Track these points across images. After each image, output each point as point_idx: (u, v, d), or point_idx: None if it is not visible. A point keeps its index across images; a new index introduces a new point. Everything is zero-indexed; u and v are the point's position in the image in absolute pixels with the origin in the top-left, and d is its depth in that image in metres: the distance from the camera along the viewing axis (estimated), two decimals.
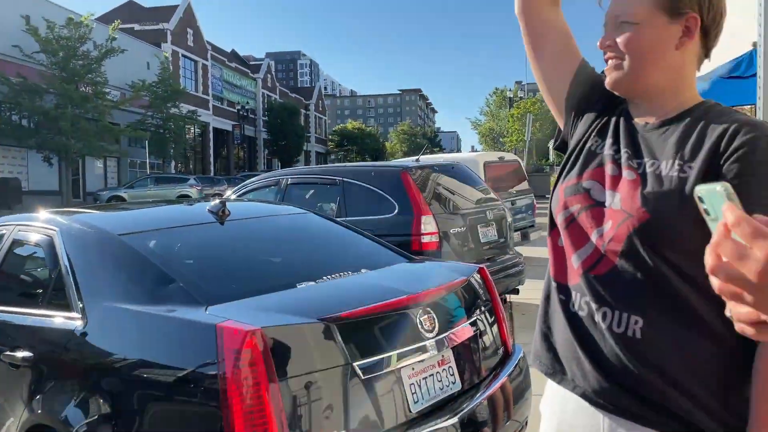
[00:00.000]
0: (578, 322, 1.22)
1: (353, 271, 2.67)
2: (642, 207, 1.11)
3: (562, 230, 1.27)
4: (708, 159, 1.09)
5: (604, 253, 1.17)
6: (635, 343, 1.13)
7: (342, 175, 5.74)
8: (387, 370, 2.16)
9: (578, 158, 1.30)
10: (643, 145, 1.21)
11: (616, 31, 1.20)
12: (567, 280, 1.25)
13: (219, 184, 29.35)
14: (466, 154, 10.67)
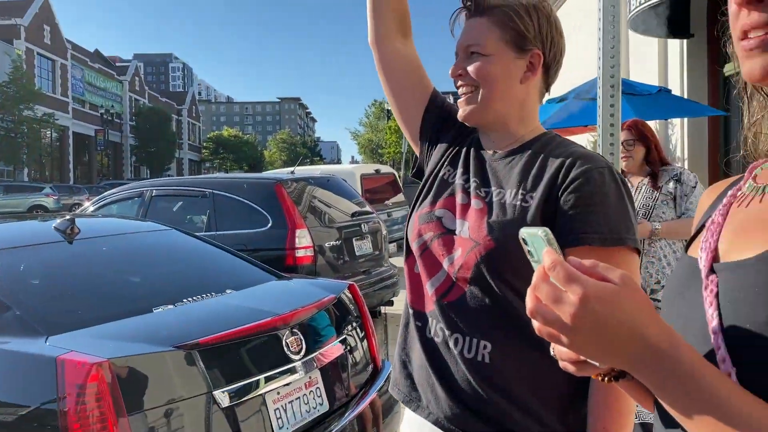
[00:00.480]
0: (433, 348, 1.23)
1: (217, 292, 2.55)
2: (488, 235, 1.16)
3: (417, 257, 1.29)
4: (547, 189, 1.15)
5: (455, 281, 1.20)
6: (484, 367, 1.16)
7: (212, 186, 5.52)
8: (250, 397, 2.07)
9: (432, 186, 1.33)
10: (491, 174, 1.26)
11: (467, 61, 1.25)
12: (423, 306, 1.27)
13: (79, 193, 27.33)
14: (343, 167, 10.73)
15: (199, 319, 2.28)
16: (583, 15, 11.02)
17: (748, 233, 0.62)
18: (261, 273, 2.95)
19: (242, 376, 2.08)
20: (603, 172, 1.14)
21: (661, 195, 3.05)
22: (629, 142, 3.11)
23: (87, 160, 47.61)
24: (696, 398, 0.53)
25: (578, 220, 1.11)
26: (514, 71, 1.23)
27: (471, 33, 1.25)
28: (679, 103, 6.99)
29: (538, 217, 1.14)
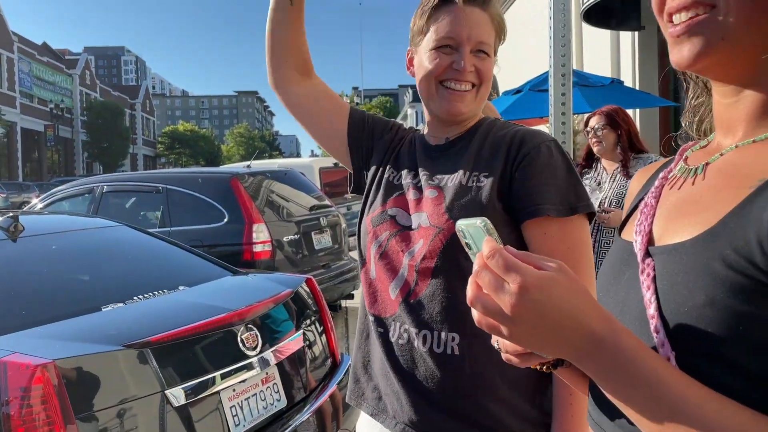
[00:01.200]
0: (398, 352, 1.21)
1: (169, 288, 2.48)
2: (449, 219, 1.15)
3: (375, 262, 1.27)
4: (500, 168, 1.17)
5: (417, 275, 1.18)
6: (454, 360, 1.15)
7: (165, 182, 5.38)
8: (204, 395, 2.03)
9: (378, 190, 1.33)
10: (441, 163, 1.26)
11: (476, 58, 1.21)
12: (384, 311, 1.24)
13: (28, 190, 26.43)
14: (301, 160, 10.62)
15: (150, 317, 2.21)
16: (539, 8, 11.16)
17: (682, 216, 0.62)
18: (215, 269, 2.89)
19: (196, 374, 2.03)
20: (550, 146, 1.18)
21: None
22: (599, 128, 3.15)
23: (36, 157, 46.06)
24: (637, 385, 0.52)
25: (533, 193, 1.14)
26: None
27: (480, 29, 1.20)
28: (631, 94, 7.15)
29: (494, 195, 1.15)
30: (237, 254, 4.95)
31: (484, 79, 1.22)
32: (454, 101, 1.22)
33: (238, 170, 5.70)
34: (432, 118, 1.31)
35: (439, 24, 1.20)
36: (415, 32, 1.28)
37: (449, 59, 1.20)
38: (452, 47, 1.20)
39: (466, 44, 1.19)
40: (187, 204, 5.22)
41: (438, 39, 1.20)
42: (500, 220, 1.14)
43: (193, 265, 2.89)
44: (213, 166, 62.40)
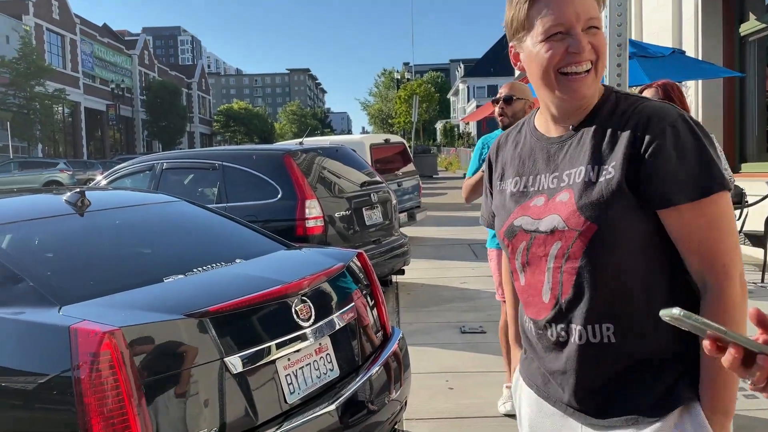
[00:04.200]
0: (558, 350, 1.26)
1: (226, 261, 2.57)
2: (587, 220, 1.16)
3: (523, 271, 1.30)
4: (627, 156, 1.15)
5: (562, 275, 1.21)
6: (611, 347, 1.19)
7: (222, 159, 5.53)
8: (260, 363, 2.10)
9: (502, 201, 1.36)
10: (566, 156, 1.24)
11: (588, 35, 1.17)
12: (539, 315, 1.28)
13: (93, 168, 27.49)
14: (352, 137, 10.69)
15: (208, 288, 2.30)
16: None
17: None
18: (270, 243, 2.97)
19: (253, 343, 2.11)
20: (677, 126, 1.14)
21: None
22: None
23: (99, 135, 47.80)
24: None
25: (663, 182, 1.13)
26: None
27: (585, 4, 1.16)
28: (693, 65, 6.86)
29: (624, 186, 1.14)
30: (290, 229, 5.05)
31: (600, 53, 1.18)
32: (578, 86, 1.18)
33: (290, 147, 5.79)
34: (553, 109, 1.26)
35: (542, 13, 1.16)
36: (515, 28, 1.22)
37: (563, 45, 1.16)
38: (563, 33, 1.16)
39: (576, 25, 1.15)
40: (243, 180, 5.35)
41: (547, 29, 1.16)
42: (633, 208, 1.15)
43: (248, 239, 2.98)
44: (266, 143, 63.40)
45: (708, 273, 1.15)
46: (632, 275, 1.17)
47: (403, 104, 45.35)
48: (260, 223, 5.12)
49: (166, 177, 5.65)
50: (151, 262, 2.60)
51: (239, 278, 2.43)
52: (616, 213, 1.15)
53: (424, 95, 45.07)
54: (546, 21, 1.15)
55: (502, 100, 3.32)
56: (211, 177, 5.53)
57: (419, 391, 3.64)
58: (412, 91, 43.96)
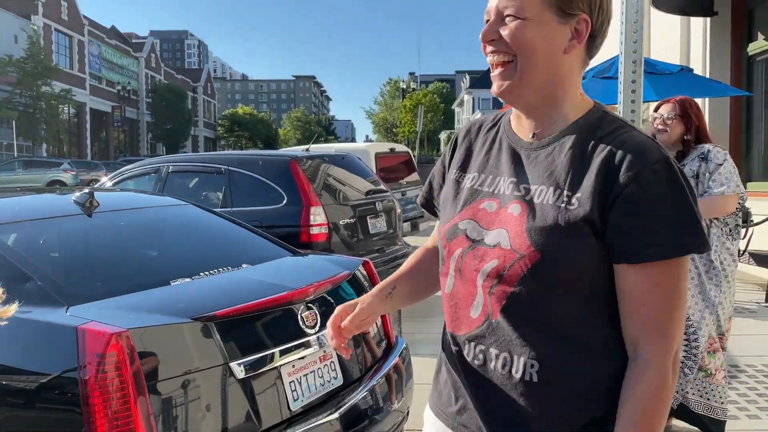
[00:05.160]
0: (472, 372, 1.15)
1: (233, 266, 2.57)
2: (532, 246, 1.04)
3: (455, 277, 1.17)
4: (595, 194, 1.02)
5: (491, 297, 1.09)
6: (534, 387, 1.07)
7: (228, 163, 5.54)
8: (265, 369, 2.10)
9: (453, 196, 1.22)
10: (530, 167, 1.12)
11: (501, 24, 1.08)
12: (459, 329, 1.17)
13: (96, 168, 27.55)
14: (357, 145, 10.71)
15: (215, 293, 2.30)
16: None
17: None
18: (276, 248, 2.97)
19: (258, 349, 2.10)
20: (657, 170, 1.00)
21: None
22: (669, 116, 3.02)
23: (104, 137, 47.95)
24: None
25: (635, 235, 1.00)
26: (558, 39, 1.06)
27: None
28: (701, 82, 6.88)
29: (583, 224, 1.02)
30: (294, 235, 5.05)
31: (517, 45, 1.07)
32: (493, 78, 1.12)
33: (297, 154, 5.80)
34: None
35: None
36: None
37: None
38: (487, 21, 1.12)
39: (492, 12, 1.10)
40: (248, 185, 5.36)
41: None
42: (588, 249, 1.02)
43: (255, 244, 2.98)
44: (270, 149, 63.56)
45: (646, 341, 1.02)
46: (568, 318, 1.05)
47: (407, 114, 45.46)
48: (265, 228, 5.13)
49: (172, 180, 5.66)
50: (159, 264, 2.60)
51: (246, 283, 2.42)
52: (565, 248, 1.02)
53: (429, 105, 45.23)
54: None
55: None
56: (216, 181, 5.54)
57: (422, 401, 3.63)
58: (417, 101, 44.10)
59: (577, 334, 1.06)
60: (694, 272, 2.94)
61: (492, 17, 1.09)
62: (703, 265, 2.94)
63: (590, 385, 1.07)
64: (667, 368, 1.01)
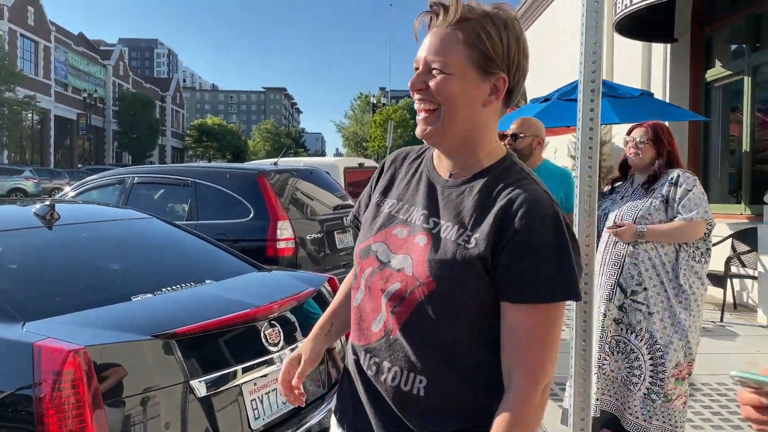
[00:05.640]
0: (366, 381, 1.25)
1: (197, 282, 2.55)
2: (430, 275, 1.15)
3: (363, 292, 1.27)
4: (490, 236, 1.13)
5: (392, 316, 1.20)
6: (420, 400, 1.18)
7: (194, 176, 5.48)
8: (226, 387, 2.09)
9: (372, 219, 1.32)
10: (443, 203, 1.23)
11: (429, 76, 1.18)
12: (359, 340, 1.27)
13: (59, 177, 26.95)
14: (327, 159, 10.71)
15: (177, 309, 2.28)
16: (570, 15, 11.09)
17: None
18: (241, 264, 2.96)
19: (219, 367, 2.09)
20: (546, 223, 1.12)
21: (651, 198, 3.03)
22: (641, 140, 3.09)
23: (68, 144, 46.95)
24: None
25: (519, 277, 1.11)
26: (478, 94, 1.18)
27: (436, 47, 1.16)
28: (660, 107, 7.09)
29: (478, 262, 1.12)
30: (261, 250, 5.02)
31: (441, 97, 1.17)
32: (419, 125, 1.22)
33: (265, 167, 5.78)
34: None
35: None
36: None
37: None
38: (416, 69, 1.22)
39: (421, 64, 1.20)
40: (215, 198, 5.31)
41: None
42: (480, 285, 1.13)
43: (219, 259, 2.96)
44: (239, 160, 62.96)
45: (518, 373, 1.12)
46: (454, 343, 1.16)
47: (377, 128, 45.61)
48: (230, 242, 5.09)
49: (137, 191, 5.58)
50: (120, 279, 2.56)
51: (208, 300, 2.41)
52: (459, 281, 1.13)
53: (399, 121, 45.48)
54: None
55: (510, 136, 3.43)
56: (182, 193, 5.48)
57: None
58: (387, 116, 44.30)
59: (460, 358, 1.18)
60: (663, 296, 2.96)
61: (421, 67, 1.19)
62: (673, 288, 2.97)
63: (464, 403, 1.18)
64: (533, 402, 1.11)
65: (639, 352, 2.99)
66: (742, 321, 6.19)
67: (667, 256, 3.00)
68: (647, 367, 2.98)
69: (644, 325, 2.98)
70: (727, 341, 5.49)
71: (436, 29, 1.18)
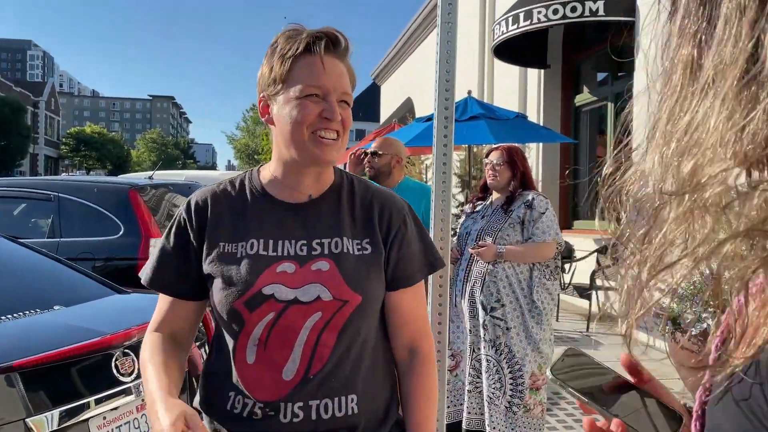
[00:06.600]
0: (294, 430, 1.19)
1: (43, 308, 2.35)
2: (354, 291, 1.20)
3: (256, 347, 1.19)
4: (377, 237, 1.27)
5: (317, 347, 1.18)
6: (354, 418, 1.22)
7: (58, 189, 5.10)
8: (70, 423, 1.93)
9: (232, 267, 1.21)
10: (310, 224, 1.24)
11: (341, 107, 1.21)
12: (272, 396, 1.19)
13: None
14: (211, 173, 10.39)
15: (17, 340, 2.08)
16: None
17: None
18: (98, 287, 2.76)
19: (63, 401, 1.93)
20: (406, 212, 1.33)
21: (510, 219, 3.21)
22: (498, 163, 3.27)
23: None
24: None
25: (408, 264, 1.30)
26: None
27: (342, 80, 1.22)
28: (533, 129, 7.50)
29: (381, 262, 1.26)
30: (131, 269, 4.73)
31: (346, 127, 1.23)
32: (327, 150, 1.20)
33: (138, 181, 5.49)
34: (291, 169, 1.25)
35: (302, 72, 1.18)
36: (270, 80, 1.22)
37: (318, 108, 1.19)
38: (319, 96, 1.19)
39: (332, 93, 1.20)
40: (81, 214, 4.96)
41: (304, 88, 1.18)
42: (382, 283, 1.27)
43: (73, 282, 2.75)
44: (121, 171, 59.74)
45: (418, 340, 1.32)
46: (370, 346, 1.27)
47: (269, 141, 45.01)
48: (99, 261, 4.78)
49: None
50: None
51: (54, 328, 2.22)
52: (374, 287, 1.24)
53: None
54: (305, 80, 1.18)
55: (370, 153, 3.49)
56: (45, 208, 5.08)
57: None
58: None
59: (375, 358, 1.29)
60: (519, 311, 3.15)
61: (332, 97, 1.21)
62: (527, 304, 3.16)
63: (389, 392, 1.31)
64: (434, 355, 1.35)
65: (499, 366, 3.15)
66: (606, 331, 6.65)
67: (522, 274, 3.19)
68: (507, 381, 3.13)
69: (503, 340, 3.14)
70: (591, 350, 5.86)
71: (333, 60, 1.21)
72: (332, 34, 1.21)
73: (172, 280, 1.29)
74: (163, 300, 1.31)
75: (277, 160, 1.27)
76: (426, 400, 1.30)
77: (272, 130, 1.27)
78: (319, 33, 1.20)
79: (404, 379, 1.32)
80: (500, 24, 7.95)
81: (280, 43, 1.22)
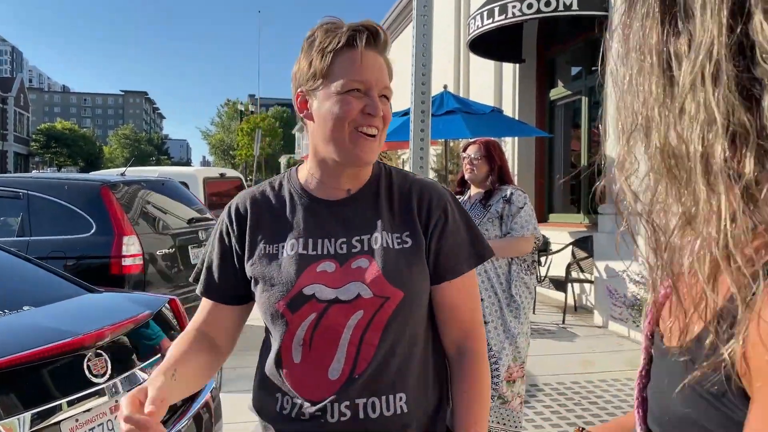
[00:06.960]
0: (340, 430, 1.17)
1: (11, 309, 2.29)
2: (394, 287, 1.16)
3: (302, 347, 1.19)
4: (417, 229, 1.23)
5: (361, 346, 1.16)
6: (404, 417, 1.18)
7: (27, 187, 4.98)
8: (41, 426, 1.88)
9: (274, 268, 1.21)
10: (349, 221, 1.22)
11: (380, 100, 1.19)
12: (319, 396, 1.18)
13: None
14: (185, 169, 10.24)
15: None
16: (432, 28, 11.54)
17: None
18: (69, 287, 2.71)
19: (33, 404, 1.88)
20: (449, 201, 1.27)
21: (488, 213, 3.22)
22: (476, 157, 3.27)
23: None
24: None
25: (451, 255, 1.24)
26: None
27: (383, 74, 1.20)
28: (509, 123, 7.54)
29: (422, 254, 1.21)
30: (104, 267, 4.67)
31: (387, 122, 1.21)
32: (367, 146, 1.18)
33: (110, 178, 5.39)
34: (332, 170, 1.23)
35: (344, 67, 1.16)
36: (310, 74, 1.19)
37: (361, 103, 1.16)
38: (361, 91, 1.17)
39: (375, 88, 1.18)
40: (51, 212, 4.86)
41: (346, 82, 1.16)
42: (426, 276, 1.22)
43: (43, 282, 2.69)
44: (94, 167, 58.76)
45: (468, 338, 1.26)
46: (419, 343, 1.22)
47: (245, 137, 44.63)
48: (71, 260, 4.68)
49: None
50: None
51: (23, 329, 2.17)
52: (417, 281, 1.20)
53: (267, 129, 44.83)
54: (348, 75, 1.16)
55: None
56: (13, 206, 4.96)
57: None
58: (255, 125, 43.49)
59: (424, 355, 1.24)
60: (497, 305, 3.16)
61: (374, 92, 1.19)
62: (505, 299, 3.17)
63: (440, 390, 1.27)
64: (486, 355, 1.28)
65: None
66: (581, 322, 6.73)
67: (501, 269, 3.19)
68: None
69: None
70: (567, 342, 5.92)
71: (372, 54, 1.19)
72: (372, 28, 1.18)
73: (215, 285, 1.31)
74: (205, 302, 1.33)
75: (313, 157, 1.25)
76: (476, 402, 1.22)
77: (309, 126, 1.23)
78: (360, 26, 1.18)
79: (454, 378, 1.26)
80: (475, 18, 7.96)
81: (318, 36, 1.18)
